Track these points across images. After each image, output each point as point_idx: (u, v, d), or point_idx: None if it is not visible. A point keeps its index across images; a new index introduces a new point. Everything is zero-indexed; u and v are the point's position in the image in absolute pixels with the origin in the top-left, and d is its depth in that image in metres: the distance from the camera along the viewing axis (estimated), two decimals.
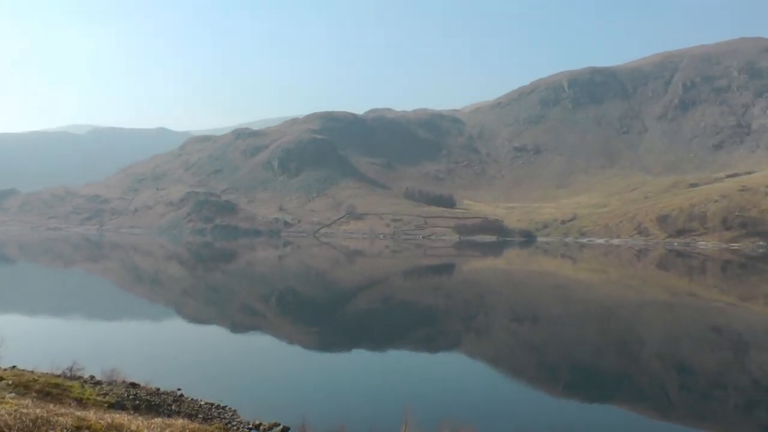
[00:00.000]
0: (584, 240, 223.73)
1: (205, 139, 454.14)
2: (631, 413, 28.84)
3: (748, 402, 30.08)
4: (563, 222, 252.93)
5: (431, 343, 45.49)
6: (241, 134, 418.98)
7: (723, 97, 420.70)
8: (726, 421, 27.54)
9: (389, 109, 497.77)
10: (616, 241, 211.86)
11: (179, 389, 30.19)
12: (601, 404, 30.06)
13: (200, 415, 26.88)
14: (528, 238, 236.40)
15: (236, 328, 52.49)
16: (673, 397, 31.78)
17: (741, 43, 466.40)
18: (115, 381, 30.15)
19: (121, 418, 20.27)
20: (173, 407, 27.50)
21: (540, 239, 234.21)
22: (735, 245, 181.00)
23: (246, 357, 41.07)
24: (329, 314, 61.58)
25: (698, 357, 41.44)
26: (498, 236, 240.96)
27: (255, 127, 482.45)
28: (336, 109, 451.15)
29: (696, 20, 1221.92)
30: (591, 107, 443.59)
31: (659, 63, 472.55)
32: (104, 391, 27.83)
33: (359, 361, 39.90)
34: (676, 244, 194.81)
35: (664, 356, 41.55)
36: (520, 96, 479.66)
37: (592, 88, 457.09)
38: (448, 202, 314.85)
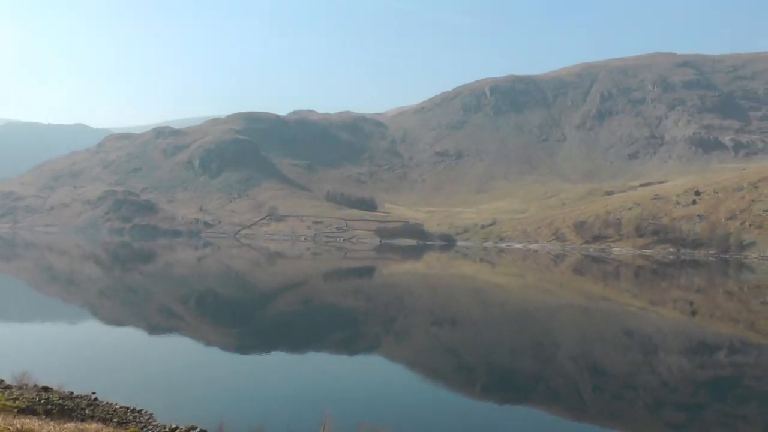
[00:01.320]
0: (503, 244, 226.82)
1: (124, 136, 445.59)
2: (546, 414, 29.35)
3: (657, 401, 30.96)
4: (483, 227, 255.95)
5: (351, 346, 45.51)
6: (161, 133, 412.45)
7: (638, 109, 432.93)
8: (635, 420, 28.29)
9: (312, 111, 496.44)
10: (534, 246, 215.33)
11: (94, 393, 29.46)
12: (517, 405, 30.52)
13: (115, 419, 26.28)
14: (448, 242, 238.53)
15: (154, 330, 51.57)
16: (587, 397, 32.48)
17: (655, 58, 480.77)
18: (26, 385, 29.24)
19: (31, 423, 19.73)
20: (87, 411, 26.80)
21: (460, 243, 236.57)
22: (647, 251, 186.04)
23: (163, 359, 40.37)
24: (248, 316, 61.05)
25: (611, 359, 42.45)
26: (418, 240, 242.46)
27: (176, 126, 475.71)
28: (259, 110, 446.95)
29: (614, 34, 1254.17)
30: (512, 114, 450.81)
31: (579, 73, 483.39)
32: (14, 396, 26.95)
33: (278, 364, 39.66)
34: (591, 249, 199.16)
35: (579, 358, 42.43)
36: (443, 101, 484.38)
37: (513, 96, 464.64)
38: (370, 206, 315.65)
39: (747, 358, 44.85)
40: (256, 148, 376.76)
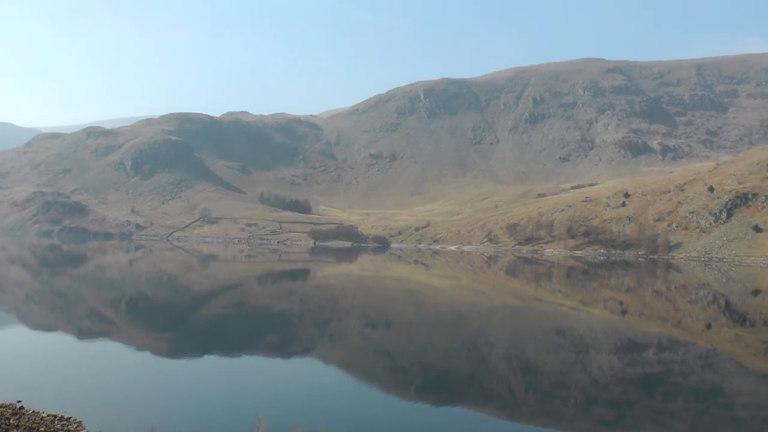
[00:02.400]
0: (437, 246, 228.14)
1: (53, 136, 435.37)
2: (480, 413, 29.51)
3: (588, 399, 31.40)
4: (417, 229, 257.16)
5: (285, 349, 45.17)
6: (92, 133, 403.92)
7: (569, 113, 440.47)
8: (568, 418, 28.62)
9: (246, 113, 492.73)
10: (467, 248, 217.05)
11: (19, 401, 28.56)
12: (452, 406, 30.61)
13: (42, 428, 25.51)
14: (382, 244, 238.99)
15: (83, 335, 50.38)
16: (520, 396, 32.77)
17: (586, 63, 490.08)
18: None
19: None
20: (11, 421, 25.96)
21: (394, 245, 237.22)
22: (578, 253, 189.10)
23: (93, 365, 39.35)
24: (181, 320, 60.12)
25: (543, 358, 42.93)
26: (353, 242, 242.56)
27: (107, 126, 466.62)
28: (192, 111, 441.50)
29: (546, 39, 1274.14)
30: (446, 117, 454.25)
31: (511, 77, 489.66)
32: None
33: (212, 368, 39.12)
34: (524, 251, 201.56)
35: (512, 358, 42.82)
36: (377, 103, 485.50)
37: (447, 99, 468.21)
38: (304, 208, 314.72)
39: (674, 355, 45.83)
40: (190, 150, 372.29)
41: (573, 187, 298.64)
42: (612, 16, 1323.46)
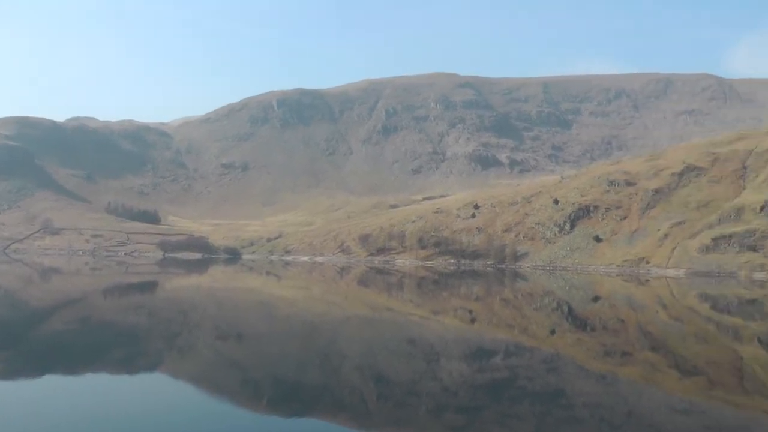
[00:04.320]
0: (289, 257, 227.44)
1: None
2: (331, 423, 29.14)
3: (439, 406, 31.60)
4: (269, 239, 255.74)
5: (132, 365, 43.27)
6: None
7: (421, 126, 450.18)
8: (419, 426, 28.65)
9: (92, 118, 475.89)
10: (320, 259, 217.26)
11: None
12: (303, 417, 30.09)
13: None
14: (233, 256, 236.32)
15: None
16: (372, 406, 32.61)
17: (437, 78, 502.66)
18: None
19: None
20: None
21: (246, 257, 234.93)
22: (429, 263, 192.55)
23: None
24: (18, 337, 56.61)
25: (395, 367, 43.02)
26: (203, 253, 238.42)
27: None
28: (33, 115, 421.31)
29: (399, 52, 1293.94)
30: (299, 127, 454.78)
31: (365, 89, 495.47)
32: None
33: (53, 387, 36.88)
34: (376, 261, 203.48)
35: (364, 368, 42.68)
36: (230, 112, 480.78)
37: (300, 109, 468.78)
38: (153, 218, 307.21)
39: (521, 360, 47.00)
40: (30, 156, 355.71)
41: (424, 199, 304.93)
42: (464, 32, 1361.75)
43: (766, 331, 62.51)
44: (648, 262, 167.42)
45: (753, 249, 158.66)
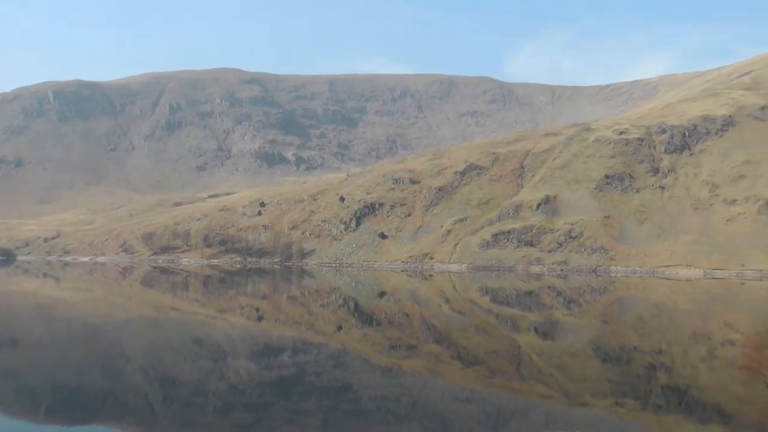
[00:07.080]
0: (69, 258, 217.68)
1: None
2: (114, 429, 28.42)
3: (226, 405, 31.62)
4: (46, 240, 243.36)
5: None
6: None
7: (206, 122, 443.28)
8: (206, 425, 28.56)
9: None
10: (101, 259, 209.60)
11: None
12: (85, 425, 29.15)
13: None
14: (7, 257, 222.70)
15: None
16: (157, 408, 32.06)
17: (223, 73, 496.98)
18: None
19: None
20: None
21: (21, 258, 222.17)
22: (215, 261, 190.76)
23: None
24: None
25: (181, 368, 42.49)
26: None
27: None
28: None
29: (184, 46, 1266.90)
30: (78, 121, 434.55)
31: (147, 83, 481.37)
32: None
33: None
34: (161, 260, 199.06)
35: (148, 369, 41.81)
36: (0, 104, 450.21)
37: (79, 102, 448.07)
38: None
39: (308, 356, 47.74)
40: None
41: (210, 196, 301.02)
42: (250, 29, 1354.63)
43: (541, 321, 67.23)
44: (432, 258, 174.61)
45: (530, 244, 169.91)
